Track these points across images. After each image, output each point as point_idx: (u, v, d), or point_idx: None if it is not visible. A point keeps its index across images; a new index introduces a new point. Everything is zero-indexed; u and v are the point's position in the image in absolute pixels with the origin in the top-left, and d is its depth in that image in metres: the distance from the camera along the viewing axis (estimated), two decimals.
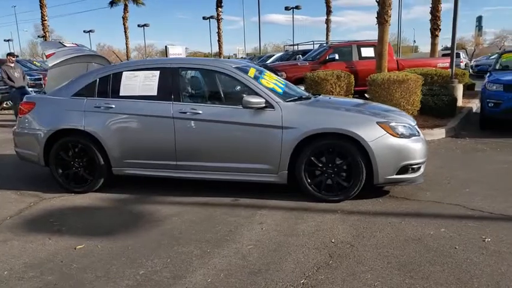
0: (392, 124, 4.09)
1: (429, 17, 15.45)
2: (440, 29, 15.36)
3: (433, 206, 3.97)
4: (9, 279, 2.85)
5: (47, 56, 5.01)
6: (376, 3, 9.67)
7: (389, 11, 9.49)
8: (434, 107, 8.19)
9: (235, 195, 4.41)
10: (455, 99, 8.88)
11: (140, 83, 4.54)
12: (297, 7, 40.02)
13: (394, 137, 4.03)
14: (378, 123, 4.05)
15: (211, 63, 4.69)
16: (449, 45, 12.91)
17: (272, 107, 4.17)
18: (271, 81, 4.62)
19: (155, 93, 4.47)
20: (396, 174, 4.05)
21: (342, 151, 4.06)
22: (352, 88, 9.12)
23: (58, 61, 5.01)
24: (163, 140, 4.41)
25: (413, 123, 4.37)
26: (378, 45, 9.72)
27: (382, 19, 9.49)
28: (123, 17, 35.48)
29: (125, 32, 36.08)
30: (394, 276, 2.70)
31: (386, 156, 3.98)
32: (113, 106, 4.50)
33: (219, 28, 29.75)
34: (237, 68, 4.49)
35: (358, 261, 2.92)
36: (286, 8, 40.47)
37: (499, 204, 3.94)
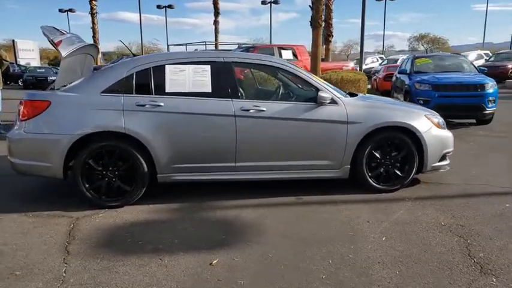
0: (435, 117, 4.56)
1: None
2: (332, 35, 17.00)
3: (468, 187, 4.57)
4: None
5: (56, 44, 4.07)
6: (310, 8, 10.32)
7: (322, 16, 10.24)
8: None
9: (291, 194, 4.32)
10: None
11: (190, 78, 4.09)
12: (170, 6, 39.32)
13: (438, 128, 4.50)
14: (425, 116, 4.48)
15: (266, 59, 4.48)
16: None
17: (335, 102, 4.24)
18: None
19: (209, 90, 4.09)
20: (438, 161, 4.54)
21: (399, 143, 4.36)
22: None
23: (69, 50, 4.13)
24: (222, 140, 4.06)
25: None
26: (312, 48, 10.41)
27: (316, 23, 10.19)
28: None
29: None
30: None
31: (434, 145, 4.43)
32: (162, 104, 3.96)
33: (94, 23, 27.21)
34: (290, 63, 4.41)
35: (488, 237, 3.25)
36: (158, 7, 39.38)
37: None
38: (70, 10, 43.16)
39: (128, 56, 26.68)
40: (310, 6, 10.29)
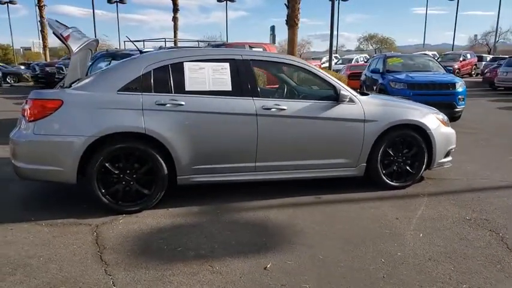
0: (440, 115, 4.74)
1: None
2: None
3: (471, 182, 4.79)
4: None
5: (65, 38, 3.74)
6: (286, 7, 10.35)
7: (298, 15, 10.32)
8: None
9: (308, 193, 4.31)
10: None
11: (209, 76, 3.94)
12: (121, 1, 37.93)
13: (444, 125, 4.68)
14: (433, 114, 4.64)
15: (284, 57, 4.40)
16: None
17: (353, 101, 4.27)
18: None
19: (229, 88, 3.96)
20: (443, 158, 4.73)
21: (411, 140, 4.47)
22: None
23: (80, 45, 3.82)
24: (243, 139, 3.96)
25: None
26: (289, 47, 10.47)
27: (292, 22, 10.27)
28: None
29: None
30: None
31: (441, 142, 4.60)
32: (183, 103, 3.78)
33: (42, 16, 25.55)
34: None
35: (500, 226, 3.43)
36: (109, 1, 37.82)
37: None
38: (11, 2, 40.34)
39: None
40: (285, 4, 10.32)
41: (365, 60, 26.18)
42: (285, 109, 4.03)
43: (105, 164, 3.63)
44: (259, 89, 4.14)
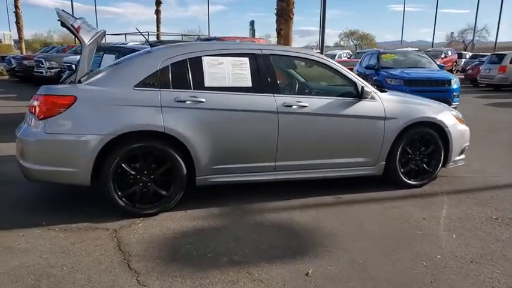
0: (455, 112, 4.70)
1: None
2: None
3: (484, 179, 4.78)
4: None
5: (77, 30, 3.48)
6: (280, 1, 10.19)
7: (293, 9, 10.17)
8: None
9: (326, 193, 4.20)
10: None
11: (229, 71, 3.76)
12: None
13: (459, 123, 4.64)
14: (449, 111, 4.59)
15: (305, 52, 4.25)
16: None
17: (373, 98, 4.17)
18: None
19: (250, 85, 3.80)
20: (458, 155, 4.69)
21: (429, 138, 4.41)
22: None
23: (92, 37, 3.57)
24: (264, 138, 3.81)
25: None
26: (284, 41, 10.30)
27: (287, 16, 10.12)
28: None
29: None
30: None
31: (457, 140, 4.56)
32: (203, 100, 3.59)
33: (17, 7, 24.52)
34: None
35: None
36: None
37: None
38: None
39: (54, 46, 24.59)
40: None
41: (348, 56, 26.30)
42: (306, 106, 3.90)
43: (122, 164, 3.41)
44: (283, 85, 3.99)
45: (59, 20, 3.72)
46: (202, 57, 3.72)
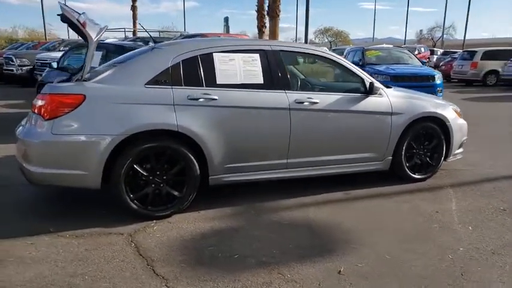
0: (455, 107, 4.79)
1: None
2: (266, 27, 17.01)
3: (480, 172, 4.88)
4: None
5: (83, 25, 3.30)
6: None
7: (279, 6, 10.14)
8: None
9: (334, 189, 4.18)
10: None
11: (240, 68, 3.68)
12: None
13: (459, 117, 4.73)
14: (450, 105, 4.67)
15: (313, 48, 4.21)
16: None
17: (380, 94, 4.19)
18: None
19: (261, 81, 3.73)
20: (458, 149, 4.79)
21: (432, 132, 4.47)
22: None
23: (98, 33, 3.40)
24: (276, 135, 3.75)
25: None
26: (271, 37, 10.27)
27: (274, 13, 10.12)
28: None
29: None
30: None
31: (457, 134, 4.64)
32: (216, 98, 3.50)
33: None
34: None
35: None
36: None
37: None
38: None
39: (23, 43, 23.59)
40: None
41: None
42: (317, 102, 3.86)
43: (134, 165, 3.28)
44: (294, 82, 3.95)
45: (59, 15, 3.54)
46: (213, 53, 3.62)
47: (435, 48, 31.51)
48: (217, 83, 3.57)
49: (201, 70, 3.53)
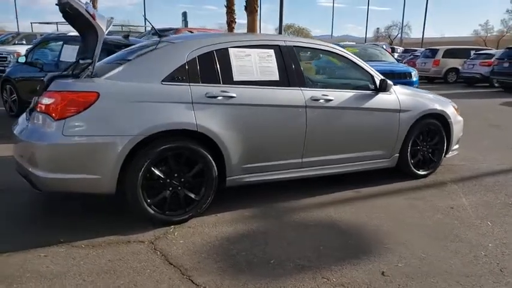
0: (453, 103, 4.89)
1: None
2: (236, 22, 16.83)
3: (477, 166, 5.03)
4: None
5: (93, 16, 3.02)
6: None
7: (257, 1, 10.02)
8: None
9: (343, 188, 4.15)
10: None
11: (256, 64, 3.54)
12: None
13: (457, 114, 4.84)
14: (450, 103, 4.76)
15: (326, 44, 4.10)
16: None
17: (389, 91, 4.19)
18: None
19: (277, 78, 3.61)
20: (455, 145, 4.90)
21: (435, 129, 4.53)
22: None
23: (108, 25, 3.14)
24: (293, 133, 3.66)
25: None
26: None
27: (251, 8, 9.94)
28: None
29: None
30: None
31: (456, 130, 4.75)
32: (234, 95, 3.34)
33: None
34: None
35: None
36: None
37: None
38: None
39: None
40: None
41: None
42: (332, 100, 3.80)
43: (152, 168, 3.06)
44: (308, 78, 3.85)
45: (57, 4, 3.26)
46: (229, 48, 3.46)
47: (395, 46, 32.56)
48: (234, 79, 3.41)
49: (218, 66, 3.36)
